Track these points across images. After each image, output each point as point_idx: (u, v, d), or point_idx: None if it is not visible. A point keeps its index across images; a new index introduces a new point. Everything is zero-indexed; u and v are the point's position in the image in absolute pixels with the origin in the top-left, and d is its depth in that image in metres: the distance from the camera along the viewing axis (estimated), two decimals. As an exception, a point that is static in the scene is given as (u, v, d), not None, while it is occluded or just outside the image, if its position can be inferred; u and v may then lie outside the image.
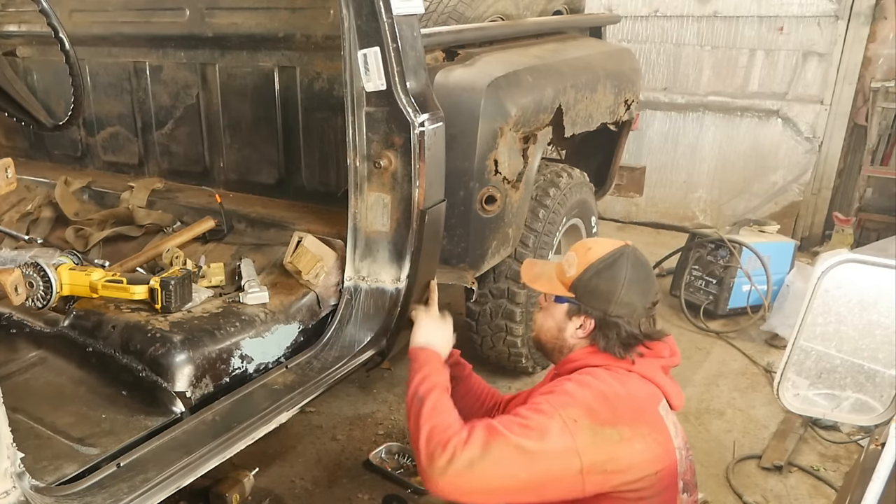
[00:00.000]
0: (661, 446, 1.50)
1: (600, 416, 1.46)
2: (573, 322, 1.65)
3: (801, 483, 2.55)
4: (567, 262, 1.68)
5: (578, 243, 1.75)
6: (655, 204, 5.31)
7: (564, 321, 1.66)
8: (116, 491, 1.43)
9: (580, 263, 1.64)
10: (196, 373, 1.78)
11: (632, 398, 1.53)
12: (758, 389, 3.14)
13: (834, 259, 1.15)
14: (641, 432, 1.48)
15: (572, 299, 1.64)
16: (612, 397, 1.50)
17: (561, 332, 1.68)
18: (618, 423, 1.46)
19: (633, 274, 1.61)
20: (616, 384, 1.54)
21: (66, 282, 1.93)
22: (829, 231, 4.74)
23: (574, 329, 1.65)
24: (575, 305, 1.64)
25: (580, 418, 1.44)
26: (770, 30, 4.69)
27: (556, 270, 1.70)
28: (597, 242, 1.70)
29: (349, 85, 1.99)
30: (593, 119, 2.97)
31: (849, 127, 4.61)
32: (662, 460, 1.50)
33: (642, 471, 1.47)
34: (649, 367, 1.61)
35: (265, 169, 2.70)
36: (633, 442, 1.46)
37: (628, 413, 1.49)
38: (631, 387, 1.56)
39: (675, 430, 1.56)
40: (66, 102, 1.72)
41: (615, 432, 1.45)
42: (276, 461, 2.57)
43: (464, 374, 2.06)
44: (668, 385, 1.62)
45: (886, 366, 1.15)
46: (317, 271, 2.12)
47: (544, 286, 1.72)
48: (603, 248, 1.65)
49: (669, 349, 1.67)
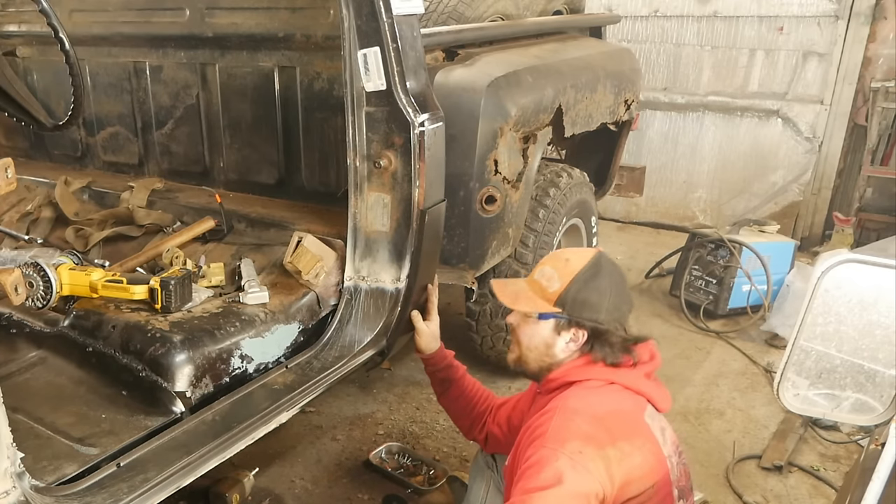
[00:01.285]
0: (654, 457, 1.49)
1: (599, 440, 1.43)
2: (563, 336, 1.61)
3: (801, 483, 2.54)
4: (544, 276, 1.64)
5: (549, 256, 1.72)
6: (655, 204, 5.31)
7: (552, 337, 1.62)
8: (116, 491, 1.43)
9: (563, 276, 1.60)
10: (196, 373, 1.78)
11: (620, 413, 1.52)
12: (758, 389, 3.14)
13: (834, 259, 1.15)
14: (637, 444, 1.47)
15: (559, 314, 1.60)
16: (603, 417, 1.48)
17: (549, 348, 1.63)
18: (616, 441, 1.44)
19: (615, 280, 1.62)
20: (601, 401, 1.52)
21: (66, 282, 1.93)
22: (829, 231, 4.74)
23: (564, 343, 1.62)
24: (563, 320, 1.60)
25: (583, 448, 1.40)
26: (770, 30, 4.69)
27: (533, 287, 1.66)
28: (572, 253, 1.67)
29: (349, 85, 1.99)
30: (593, 119, 2.97)
31: (849, 127, 4.61)
32: (657, 472, 1.48)
33: (642, 485, 1.45)
34: (632, 377, 1.59)
35: (265, 169, 2.70)
36: (633, 456, 1.45)
37: (622, 429, 1.48)
38: (616, 401, 1.54)
39: (662, 437, 1.55)
40: (66, 102, 1.72)
41: (616, 451, 1.43)
42: (276, 461, 2.57)
43: (457, 377, 2.07)
44: (652, 391, 1.61)
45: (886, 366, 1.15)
46: (317, 271, 2.12)
47: (527, 305, 1.65)
48: (580, 257, 1.63)
49: (649, 353, 1.65)
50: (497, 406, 2.00)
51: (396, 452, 2.60)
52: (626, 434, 1.47)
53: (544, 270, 1.65)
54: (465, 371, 2.11)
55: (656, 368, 1.66)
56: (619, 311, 1.62)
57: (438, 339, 2.11)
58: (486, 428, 1.98)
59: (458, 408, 2.07)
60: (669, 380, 3.13)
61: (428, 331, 2.09)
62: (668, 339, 3.57)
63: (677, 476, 1.55)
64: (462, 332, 2.96)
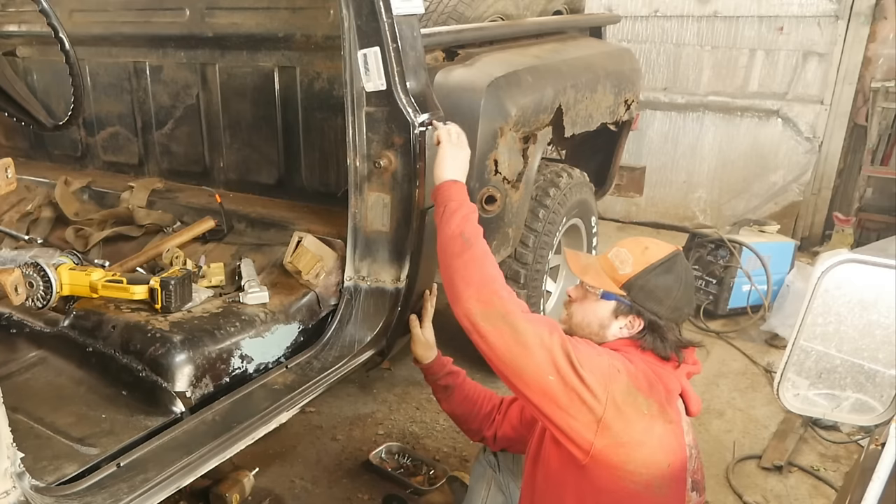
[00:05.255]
0: (676, 439, 1.50)
1: (639, 383, 1.46)
2: (619, 321, 1.60)
3: (801, 483, 2.55)
4: (619, 258, 1.61)
5: (630, 241, 1.68)
6: (655, 204, 5.31)
7: (609, 319, 1.61)
8: (116, 491, 1.43)
9: (637, 262, 1.59)
10: (196, 373, 1.78)
11: (664, 383, 1.53)
12: (758, 389, 3.14)
13: (834, 259, 1.14)
14: (667, 415, 1.48)
15: (623, 297, 1.59)
16: (650, 375, 1.51)
17: (603, 328, 1.62)
18: (651, 396, 1.47)
19: (686, 281, 1.61)
20: (648, 368, 1.54)
21: (66, 282, 1.93)
22: (829, 231, 4.74)
23: (618, 328, 1.61)
24: (625, 304, 1.59)
25: (622, 371, 1.45)
26: (770, 30, 4.69)
27: (604, 265, 1.63)
28: (652, 243, 1.66)
29: (349, 85, 1.99)
30: (593, 119, 2.97)
31: (849, 127, 4.61)
32: (675, 453, 1.49)
33: (653, 457, 1.45)
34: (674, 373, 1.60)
35: (265, 169, 2.70)
36: (655, 422, 1.45)
37: (661, 393, 1.50)
38: (660, 374, 1.55)
39: (687, 427, 1.57)
40: (66, 102, 1.72)
41: (645, 403, 1.45)
42: (276, 461, 2.57)
43: (458, 382, 2.07)
44: (690, 391, 1.62)
45: (886, 366, 1.15)
46: (317, 271, 2.12)
47: (595, 280, 1.62)
48: (660, 249, 1.62)
49: (693, 359, 1.66)
50: (507, 403, 2.00)
51: (396, 452, 2.60)
52: (661, 399, 1.49)
53: (620, 252, 1.62)
54: (465, 375, 2.11)
55: (697, 373, 1.66)
56: (680, 311, 1.61)
57: (434, 347, 2.10)
58: (496, 426, 1.98)
59: (462, 412, 2.06)
60: (669, 380, 3.14)
61: (423, 338, 2.08)
62: (668, 339, 3.57)
63: (694, 467, 1.55)
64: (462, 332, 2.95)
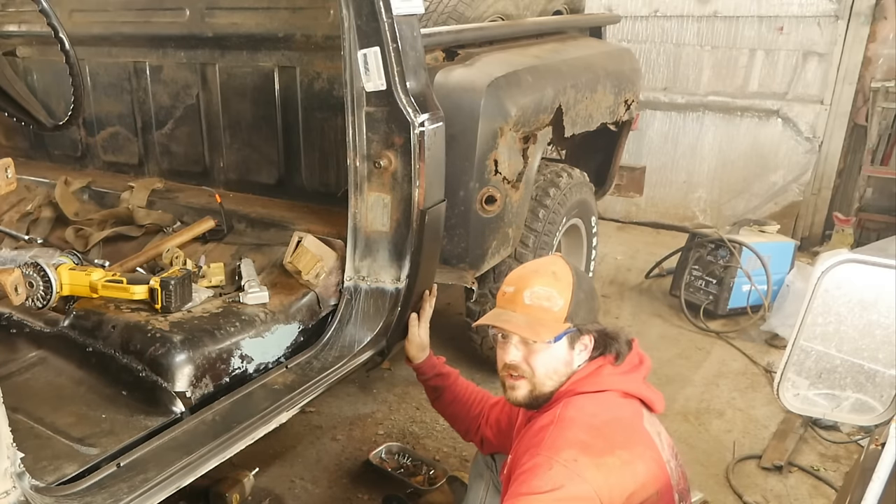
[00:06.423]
0: (655, 464, 1.48)
1: (596, 449, 1.41)
2: (576, 349, 1.60)
3: (801, 483, 2.54)
4: (543, 298, 1.57)
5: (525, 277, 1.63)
6: (655, 204, 5.31)
7: (568, 353, 1.59)
8: (116, 491, 1.43)
9: (562, 291, 1.57)
10: (196, 373, 1.78)
11: (619, 421, 1.50)
12: (758, 389, 3.14)
13: (834, 259, 1.14)
14: (638, 452, 1.46)
15: (569, 329, 1.57)
16: (601, 426, 1.46)
17: (568, 365, 1.59)
18: (614, 449, 1.42)
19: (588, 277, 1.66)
20: (599, 410, 1.51)
21: (66, 282, 1.93)
22: (829, 231, 4.74)
23: (579, 353, 1.60)
24: (574, 332, 1.58)
25: (578, 457, 1.38)
26: (770, 30, 4.69)
27: (535, 314, 1.57)
28: (545, 264, 1.64)
29: (349, 85, 1.99)
30: (593, 119, 2.97)
31: (849, 127, 4.61)
32: (659, 478, 1.47)
33: (645, 492, 1.44)
34: (631, 382, 1.59)
35: (265, 169, 2.70)
36: (634, 464, 1.43)
37: (621, 437, 1.46)
38: (614, 408, 1.53)
39: (660, 442, 1.54)
40: (66, 102, 1.72)
41: (615, 459, 1.41)
42: (276, 461, 2.57)
43: (448, 383, 2.08)
44: (648, 393, 1.60)
45: (886, 366, 1.15)
46: (317, 271, 2.12)
47: (548, 332, 1.56)
48: (560, 268, 1.62)
49: (638, 357, 1.65)
50: (489, 407, 2.00)
51: (396, 452, 2.60)
52: (624, 443, 1.46)
53: (536, 293, 1.57)
54: (458, 375, 2.11)
55: (649, 372, 1.66)
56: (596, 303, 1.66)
57: (427, 349, 2.11)
58: (481, 431, 1.98)
59: (452, 412, 2.08)
60: (669, 380, 3.13)
61: (418, 339, 2.10)
62: (668, 339, 3.57)
63: (677, 480, 1.54)
64: (462, 332, 2.96)
